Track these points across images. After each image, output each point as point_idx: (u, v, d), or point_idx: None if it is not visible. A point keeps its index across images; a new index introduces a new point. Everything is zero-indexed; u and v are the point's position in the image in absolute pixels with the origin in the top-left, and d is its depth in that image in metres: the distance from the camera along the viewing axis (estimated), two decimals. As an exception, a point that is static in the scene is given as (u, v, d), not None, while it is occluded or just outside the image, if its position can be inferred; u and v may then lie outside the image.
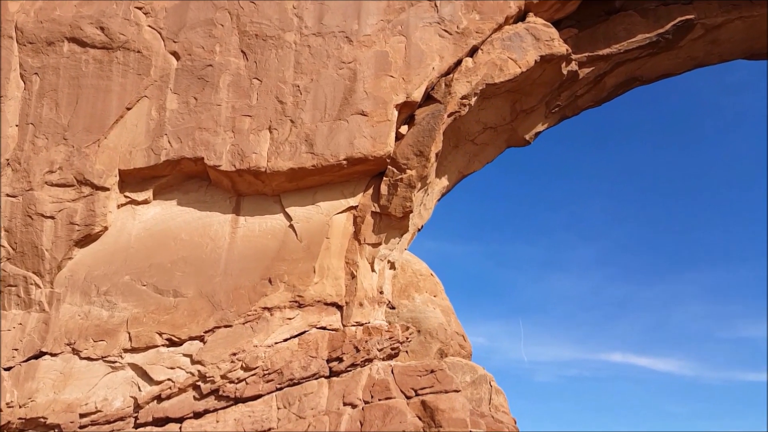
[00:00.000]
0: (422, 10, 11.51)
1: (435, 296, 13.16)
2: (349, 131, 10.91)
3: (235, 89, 11.56)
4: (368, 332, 10.88)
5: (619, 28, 12.84)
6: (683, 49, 13.33)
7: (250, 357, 10.42)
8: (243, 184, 11.42)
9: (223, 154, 11.25)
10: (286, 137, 11.17)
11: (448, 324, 12.73)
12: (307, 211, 11.41)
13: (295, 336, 10.82)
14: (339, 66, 11.30)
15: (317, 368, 10.49)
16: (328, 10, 11.68)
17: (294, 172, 11.07)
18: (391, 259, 11.78)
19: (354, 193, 11.30)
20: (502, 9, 11.64)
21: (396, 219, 11.12)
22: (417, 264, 13.70)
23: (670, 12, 12.82)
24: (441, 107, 11.04)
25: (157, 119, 11.57)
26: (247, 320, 10.81)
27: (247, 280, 11.07)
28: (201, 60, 11.74)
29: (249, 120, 11.39)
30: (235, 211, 11.66)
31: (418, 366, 10.88)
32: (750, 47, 13.52)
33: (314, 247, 11.14)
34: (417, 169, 10.86)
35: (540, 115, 12.91)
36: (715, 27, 12.85)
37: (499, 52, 11.36)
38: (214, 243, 11.37)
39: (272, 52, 11.64)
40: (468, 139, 12.35)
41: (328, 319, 10.98)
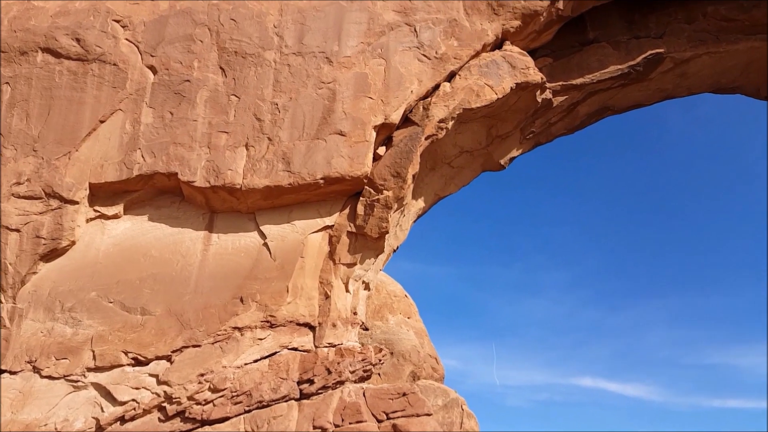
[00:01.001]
0: (402, 35, 11.67)
1: (409, 318, 13.10)
2: (327, 150, 10.91)
3: (213, 105, 11.49)
4: (341, 354, 10.75)
5: (593, 58, 13.21)
6: (653, 81, 13.76)
7: (218, 378, 10.17)
8: (217, 201, 11.28)
9: (198, 169, 11.11)
10: (263, 155, 11.11)
11: (422, 346, 12.66)
12: (282, 230, 11.30)
13: (266, 357, 10.62)
14: (318, 86, 11.34)
15: (287, 390, 10.29)
16: (308, 31, 11.75)
17: (270, 190, 10.99)
18: (366, 279, 11.72)
19: (330, 212, 11.25)
20: (480, 36, 11.87)
21: (372, 239, 11.10)
22: (392, 285, 13.65)
23: (641, 45, 13.25)
24: (419, 130, 11.14)
25: (131, 133, 11.39)
26: (216, 340, 10.57)
27: (218, 298, 10.86)
28: (178, 75, 11.65)
29: (225, 136, 11.30)
30: (208, 228, 11.49)
31: (390, 389, 10.76)
32: (716, 81, 14.04)
33: (288, 266, 11.01)
34: (394, 190, 10.90)
35: (515, 140, 13.13)
36: (684, 61, 13.32)
37: (476, 78, 11.55)
38: (185, 260, 11.16)
39: (251, 70, 11.62)
40: (445, 161, 12.46)
41: (301, 339, 10.82)
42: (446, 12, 11.94)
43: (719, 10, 13.12)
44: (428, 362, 12.57)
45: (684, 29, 13.22)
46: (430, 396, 11.55)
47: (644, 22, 13.47)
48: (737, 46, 13.23)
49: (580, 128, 14.26)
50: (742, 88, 14.49)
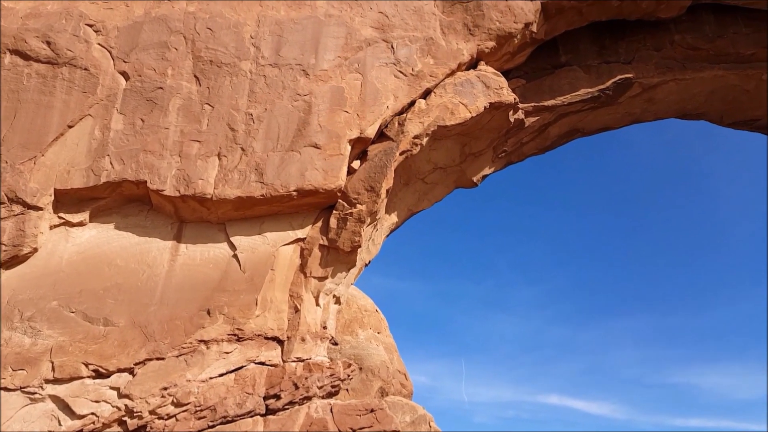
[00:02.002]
0: (379, 51, 11.76)
1: (379, 333, 13.03)
2: (301, 163, 10.86)
3: (185, 113, 11.34)
4: (309, 369, 10.61)
5: (564, 81, 13.52)
6: (622, 105, 14.13)
7: (182, 392, 9.92)
8: (187, 211, 11.09)
9: (168, 178, 10.92)
10: (235, 165, 10.99)
11: (391, 362, 12.58)
12: (252, 241, 11.16)
13: (232, 371, 10.41)
14: (294, 98, 11.31)
15: (253, 405, 10.09)
16: (286, 43, 11.74)
17: (242, 201, 10.86)
18: (337, 293, 11.63)
19: (302, 225, 11.17)
20: (456, 56, 12.04)
21: (344, 253, 11.04)
22: (362, 299, 13.58)
23: (611, 70, 13.63)
24: (394, 145, 11.18)
25: (100, 139, 11.15)
26: (181, 353, 10.32)
27: (184, 310, 10.63)
28: (151, 82, 11.49)
29: (198, 145, 11.15)
30: (176, 238, 11.27)
31: (358, 405, 10.65)
32: (682, 107, 14.51)
33: (258, 279, 10.86)
34: (367, 204, 10.88)
35: (487, 159, 13.30)
36: (652, 87, 13.73)
37: (451, 96, 11.69)
38: (151, 270, 10.91)
39: (226, 79, 11.54)
40: (418, 177, 12.53)
41: (268, 354, 10.64)
42: (423, 30, 12.09)
43: (686, 39, 13.60)
44: (397, 378, 12.49)
45: (652, 56, 13.65)
46: (398, 412, 11.47)
47: (614, 48, 13.87)
48: (702, 74, 13.71)
49: (550, 149, 14.54)
50: (706, 114, 15.00)
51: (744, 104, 14.49)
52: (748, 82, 13.93)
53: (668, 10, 13.28)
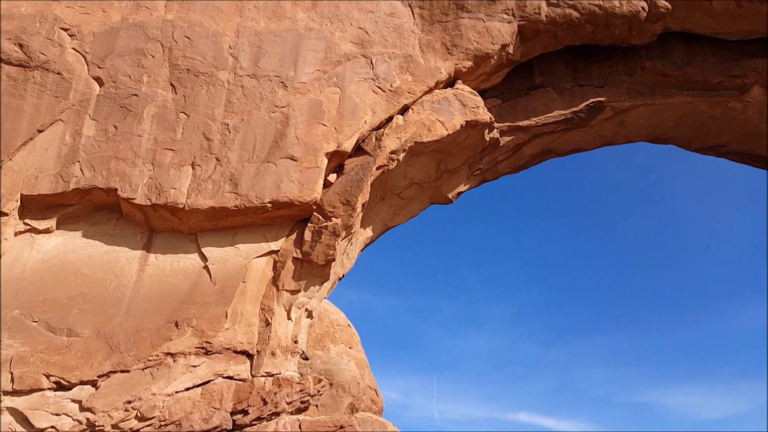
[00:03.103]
0: (358, 66, 11.82)
1: (351, 348, 12.91)
2: (276, 174, 10.78)
3: (160, 121, 11.19)
4: (278, 384, 10.44)
5: (538, 103, 13.78)
6: (594, 128, 14.45)
7: (146, 406, 9.65)
8: (157, 220, 10.89)
9: (140, 186, 10.72)
10: (209, 175, 10.85)
11: (362, 377, 12.47)
12: (224, 253, 11.00)
13: (199, 385, 10.17)
14: (272, 109, 11.27)
15: (219, 421, 9.86)
16: (265, 54, 11.72)
17: (215, 211, 10.71)
18: (309, 307, 11.52)
19: (276, 237, 11.05)
20: (434, 74, 12.18)
21: (318, 266, 10.95)
22: (335, 314, 13.46)
23: (584, 93, 13.95)
24: (370, 159, 11.20)
25: (70, 145, 10.91)
26: (147, 366, 10.06)
27: (152, 322, 10.38)
28: (126, 88, 11.32)
29: (171, 154, 10.99)
30: (146, 248, 11.04)
31: (327, 421, 10.51)
32: (652, 132, 14.90)
33: (228, 291, 10.69)
34: (343, 218, 10.84)
35: (463, 176, 13.42)
36: (623, 110, 14.08)
37: (428, 113, 11.79)
38: (118, 280, 10.65)
39: (203, 88, 11.44)
40: (394, 192, 12.56)
41: (237, 368, 10.45)
42: (402, 48, 12.22)
43: (656, 66, 14.02)
44: (368, 394, 12.37)
45: (624, 81, 14.02)
46: (367, 429, 11.33)
47: (588, 72, 14.21)
48: (671, 100, 14.12)
49: (524, 168, 14.76)
50: (675, 139, 15.44)
51: (711, 130, 14.96)
52: (714, 109, 14.39)
53: (640, 37, 13.67)
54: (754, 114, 14.24)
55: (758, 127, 14.44)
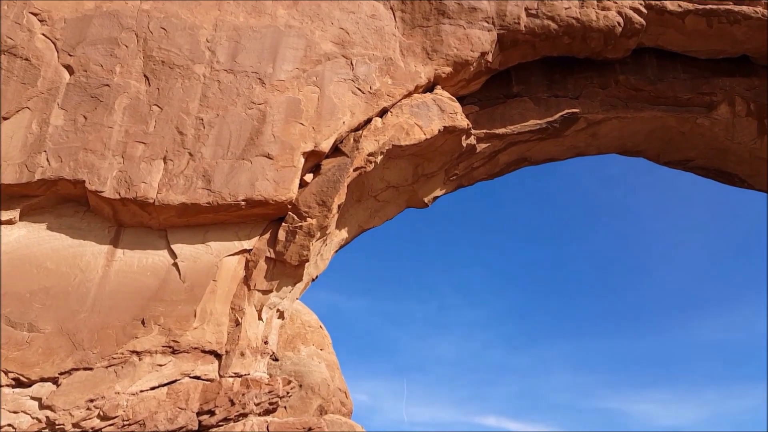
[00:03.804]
0: (338, 66, 11.75)
1: (322, 350, 12.80)
2: (251, 172, 10.62)
3: (132, 113, 10.90)
4: (247, 384, 10.27)
5: (515, 111, 13.94)
6: (567, 138, 14.67)
7: (109, 405, 9.37)
8: (126, 214, 10.60)
9: (108, 179, 10.42)
10: (181, 170, 10.62)
11: (332, 380, 12.37)
12: (195, 250, 10.77)
13: (165, 384, 9.93)
14: (249, 106, 11.10)
15: (185, 421, 9.65)
16: (243, 50, 11.55)
17: (186, 208, 10.48)
18: (281, 308, 11.37)
19: (249, 235, 10.88)
20: (413, 78, 12.20)
21: (291, 267, 10.82)
22: (307, 315, 13.33)
23: (559, 103, 14.16)
24: (348, 161, 11.13)
25: (37, 134, 10.54)
26: (111, 363, 9.78)
27: (117, 319, 10.09)
28: (97, 78, 11.00)
29: (143, 147, 10.72)
30: (113, 243, 10.73)
31: (295, 423, 10.40)
32: (623, 144, 15.22)
33: (198, 290, 10.46)
34: (318, 219, 10.74)
35: (439, 180, 13.47)
36: (596, 122, 14.34)
37: (407, 117, 11.80)
38: (83, 275, 10.32)
39: (178, 82, 11.20)
40: (371, 194, 12.51)
41: (205, 368, 10.24)
42: (383, 50, 12.19)
43: (629, 80, 14.33)
44: (337, 396, 12.28)
45: (598, 93, 14.29)
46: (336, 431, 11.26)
47: (563, 83, 14.43)
48: (643, 114, 14.44)
49: (499, 175, 14.90)
50: (645, 152, 15.79)
51: (679, 145, 15.36)
52: (684, 125, 14.78)
53: (615, 52, 13.96)
54: (720, 131, 14.68)
55: (724, 143, 14.89)
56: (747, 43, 14.23)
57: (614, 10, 13.42)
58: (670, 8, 13.61)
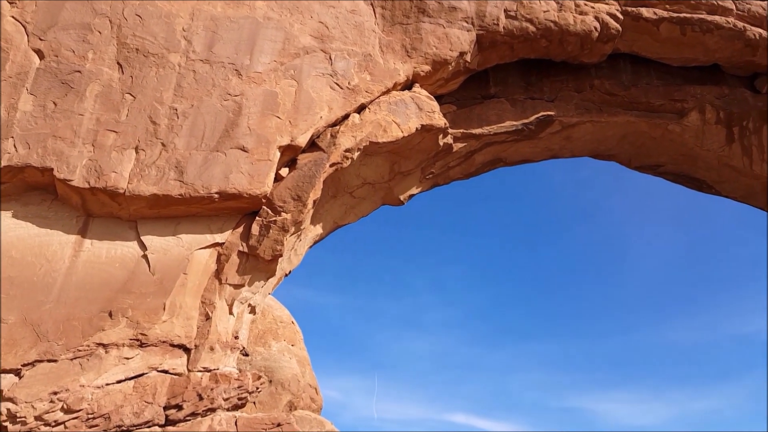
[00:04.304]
0: (317, 60, 11.66)
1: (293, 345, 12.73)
2: (225, 164, 10.48)
3: (104, 101, 10.66)
4: (215, 379, 10.16)
5: (492, 112, 14.04)
6: (542, 140, 14.84)
7: (73, 398, 9.17)
8: (95, 204, 10.37)
9: (78, 168, 10.18)
10: (153, 160, 10.43)
11: (303, 375, 12.31)
12: (165, 242, 10.59)
13: (132, 378, 9.76)
14: (224, 97, 10.95)
15: (152, 415, 9.51)
16: (220, 40, 11.39)
17: (157, 199, 10.29)
18: (253, 302, 11.26)
19: (222, 229, 10.74)
20: (392, 75, 12.18)
21: (264, 261, 10.73)
22: (279, 310, 13.24)
23: (535, 106, 14.32)
24: (324, 156, 11.07)
25: (4, 119, 10.24)
26: (76, 356, 9.57)
27: (84, 310, 9.88)
28: (69, 64, 10.73)
29: (114, 136, 10.50)
30: (81, 233, 10.49)
31: (264, 418, 10.32)
32: (596, 148, 15.44)
33: (168, 282, 10.30)
34: (293, 213, 10.66)
35: (415, 179, 13.49)
36: (570, 126, 14.53)
37: (385, 114, 11.78)
38: (49, 265, 10.08)
39: (152, 70, 10.99)
40: (347, 191, 12.47)
41: (173, 362, 10.09)
42: (362, 46, 12.15)
43: (604, 84, 14.57)
44: (308, 392, 12.23)
45: (573, 97, 14.48)
46: (305, 427, 11.22)
47: (540, 86, 14.59)
48: (616, 119, 14.69)
49: (474, 175, 15.00)
50: (616, 156, 16.07)
51: (650, 150, 15.66)
52: (655, 131, 15.07)
53: (590, 56, 14.15)
54: (690, 138, 15.00)
55: (694, 150, 15.23)
56: (718, 52, 14.58)
57: (591, 15, 13.60)
58: (646, 15, 13.86)
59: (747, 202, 16.33)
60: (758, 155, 14.99)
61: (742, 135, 15.03)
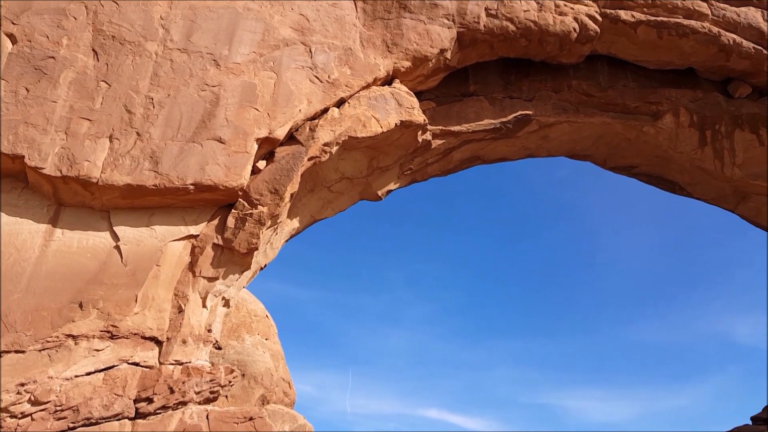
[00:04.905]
0: (297, 53, 11.58)
1: (267, 339, 12.66)
2: (202, 156, 10.36)
3: (78, 88, 10.45)
4: (187, 372, 10.06)
5: (470, 110, 14.11)
6: (519, 139, 14.96)
7: (41, 389, 9.01)
8: (67, 193, 10.17)
9: (50, 156, 9.97)
10: (128, 150, 10.26)
11: (276, 370, 12.26)
12: (138, 233, 10.44)
13: (102, 370, 9.63)
14: (202, 87, 10.82)
15: (121, 408, 9.39)
16: (198, 29, 11.23)
17: (131, 189, 10.13)
18: (227, 296, 11.17)
19: (197, 221, 10.63)
20: (372, 70, 12.15)
21: (239, 254, 10.64)
22: (253, 304, 13.14)
23: (513, 105, 14.42)
24: (303, 150, 11.01)
25: (-27, 104, 10.00)
26: (45, 347, 9.39)
27: (53, 301, 9.70)
28: (42, 49, 10.50)
29: (88, 124, 10.30)
30: (52, 222, 10.29)
31: (236, 412, 10.26)
32: (572, 148, 15.62)
33: (140, 274, 10.17)
34: (269, 207, 10.59)
35: (393, 174, 13.50)
36: (548, 125, 14.67)
37: (364, 108, 11.76)
38: (19, 254, 9.86)
39: (128, 58, 10.81)
40: (324, 185, 12.42)
41: (144, 354, 9.97)
42: (343, 39, 12.09)
43: (581, 85, 14.73)
44: (281, 386, 12.18)
45: (551, 97, 14.61)
46: (277, 421, 11.17)
47: (518, 85, 14.70)
48: (592, 120, 14.86)
49: (452, 172, 15.07)
50: (592, 156, 16.27)
51: (625, 151, 15.89)
52: (630, 132, 15.30)
53: (569, 56, 14.29)
54: (664, 140, 15.26)
55: (667, 152, 15.49)
56: (693, 56, 14.83)
57: (571, 15, 13.73)
58: (624, 18, 14.04)
59: (718, 205, 16.67)
60: (729, 159, 15.31)
61: (715, 138, 15.33)
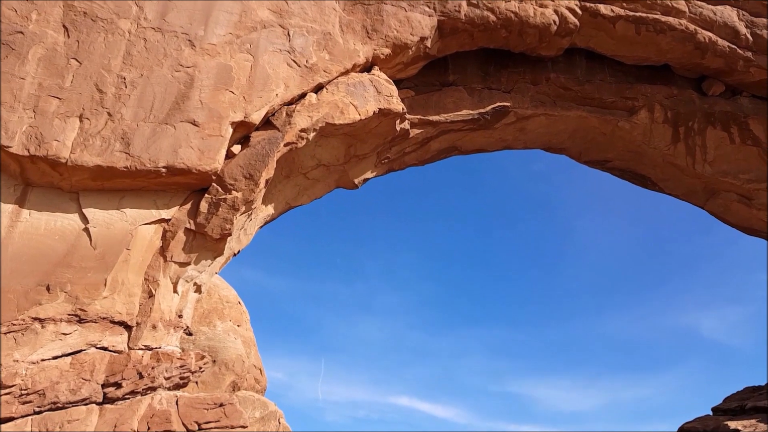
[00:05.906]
0: (274, 36, 11.38)
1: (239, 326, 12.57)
2: (175, 138, 10.16)
3: (47, 65, 10.14)
4: (157, 358, 9.94)
5: (449, 100, 14.09)
6: (497, 131, 15.00)
7: (7, 373, 8.81)
8: (35, 173, 9.90)
9: (17, 134, 9.68)
10: (98, 130, 10.01)
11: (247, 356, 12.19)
12: (108, 216, 10.23)
13: (69, 354, 9.45)
14: (176, 68, 10.58)
15: (89, 393, 9.25)
16: (173, 8, 10.96)
17: (101, 170, 9.90)
18: (199, 281, 11.03)
19: (168, 205, 10.44)
20: (351, 56, 12.02)
21: (212, 240, 10.50)
22: (225, 290, 13.02)
23: (491, 96, 14.43)
24: (279, 135, 10.87)
25: (-65, 78, 9.64)
26: (10, 330, 9.18)
27: (20, 283, 9.47)
28: (10, 24, 10.14)
29: (57, 102, 10.01)
30: (19, 203, 10.02)
31: (206, 398, 10.19)
32: (548, 141, 15.72)
33: (110, 257, 9.97)
34: (244, 192, 10.45)
35: (370, 162, 13.43)
36: (525, 117, 14.73)
37: (342, 95, 11.64)
38: (-17, 235, 9.62)
39: (100, 36, 10.51)
40: (300, 172, 12.30)
41: (113, 339, 9.82)
42: (322, 24, 11.92)
43: (559, 78, 14.79)
44: (252, 373, 12.13)
45: (529, 89, 14.66)
46: (248, 408, 11.14)
47: (497, 76, 14.71)
48: (569, 113, 14.97)
49: (430, 162, 15.06)
50: (567, 150, 16.41)
51: (600, 145, 16.06)
52: (605, 127, 15.45)
53: (548, 49, 14.33)
54: (638, 135, 15.45)
55: (641, 147, 15.69)
56: (670, 53, 14.99)
57: (551, 8, 13.74)
58: (604, 12, 14.10)
59: (688, 201, 16.98)
60: (701, 156, 15.58)
61: (687, 135, 15.58)
